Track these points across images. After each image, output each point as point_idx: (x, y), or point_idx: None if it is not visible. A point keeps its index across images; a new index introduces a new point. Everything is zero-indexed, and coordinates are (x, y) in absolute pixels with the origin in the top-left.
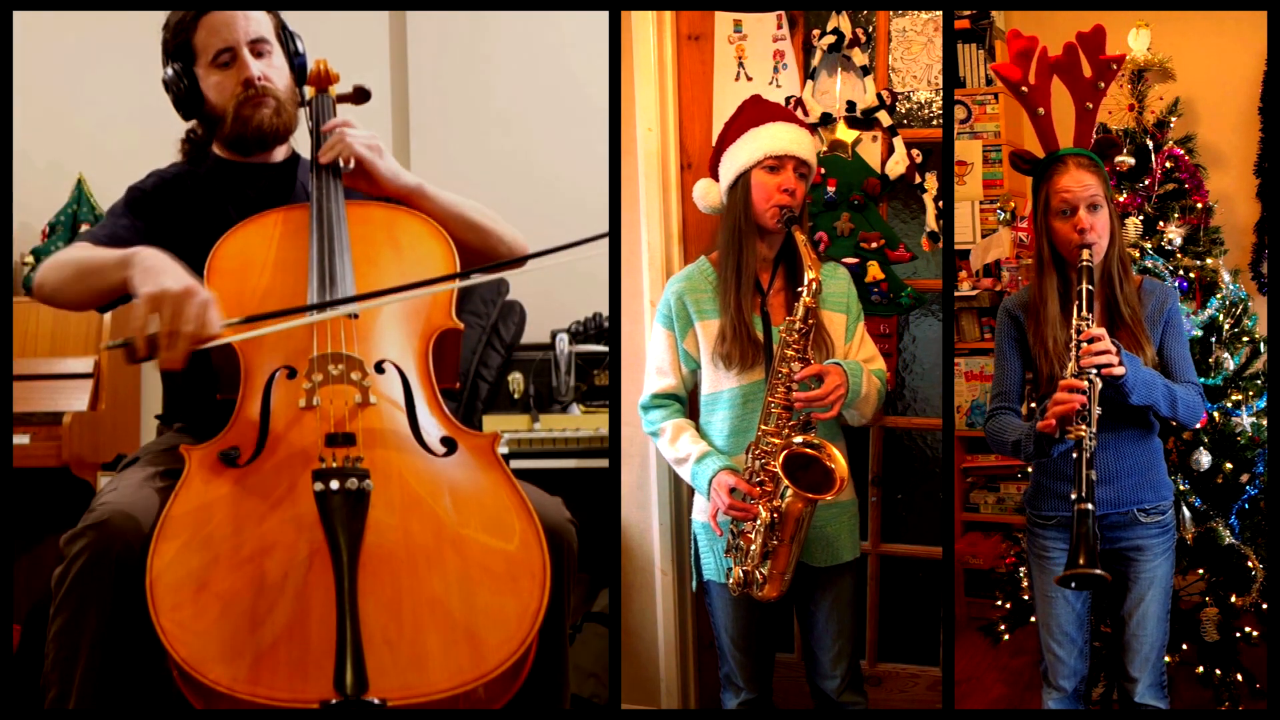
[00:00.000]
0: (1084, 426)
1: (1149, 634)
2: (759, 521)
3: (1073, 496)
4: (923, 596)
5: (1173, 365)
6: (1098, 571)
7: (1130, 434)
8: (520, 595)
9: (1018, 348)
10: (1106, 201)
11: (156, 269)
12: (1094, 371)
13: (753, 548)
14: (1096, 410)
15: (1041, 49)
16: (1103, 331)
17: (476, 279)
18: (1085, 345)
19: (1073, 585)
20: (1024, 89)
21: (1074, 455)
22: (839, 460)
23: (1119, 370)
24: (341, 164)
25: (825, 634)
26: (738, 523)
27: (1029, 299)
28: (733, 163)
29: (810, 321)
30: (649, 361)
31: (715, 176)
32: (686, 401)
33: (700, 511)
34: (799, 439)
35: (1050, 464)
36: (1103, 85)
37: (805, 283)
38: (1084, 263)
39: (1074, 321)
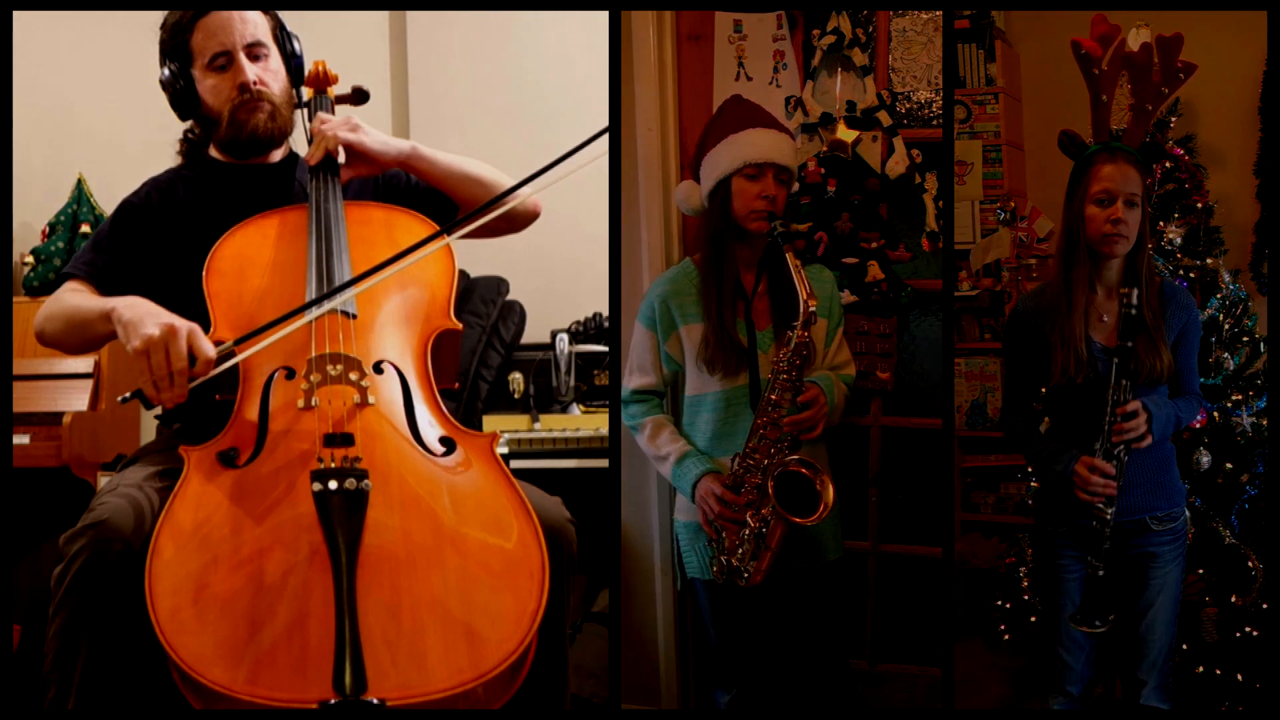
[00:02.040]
0: (1109, 510)
1: (1157, 638)
2: (747, 531)
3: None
4: (923, 596)
5: (1180, 375)
6: (1102, 630)
7: None
8: (519, 594)
9: (1031, 350)
10: (1142, 204)
11: (135, 320)
12: (1121, 448)
13: (740, 549)
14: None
15: (1120, 40)
16: (1138, 404)
17: (475, 223)
18: (1119, 421)
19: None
20: (1096, 71)
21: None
22: (828, 486)
23: (1148, 441)
24: (334, 156)
25: (811, 633)
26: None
27: (1048, 292)
28: (713, 169)
29: (805, 353)
30: (630, 358)
31: (697, 177)
32: (666, 395)
33: (681, 511)
34: (794, 457)
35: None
36: (1166, 91)
37: (800, 314)
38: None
39: (1109, 394)
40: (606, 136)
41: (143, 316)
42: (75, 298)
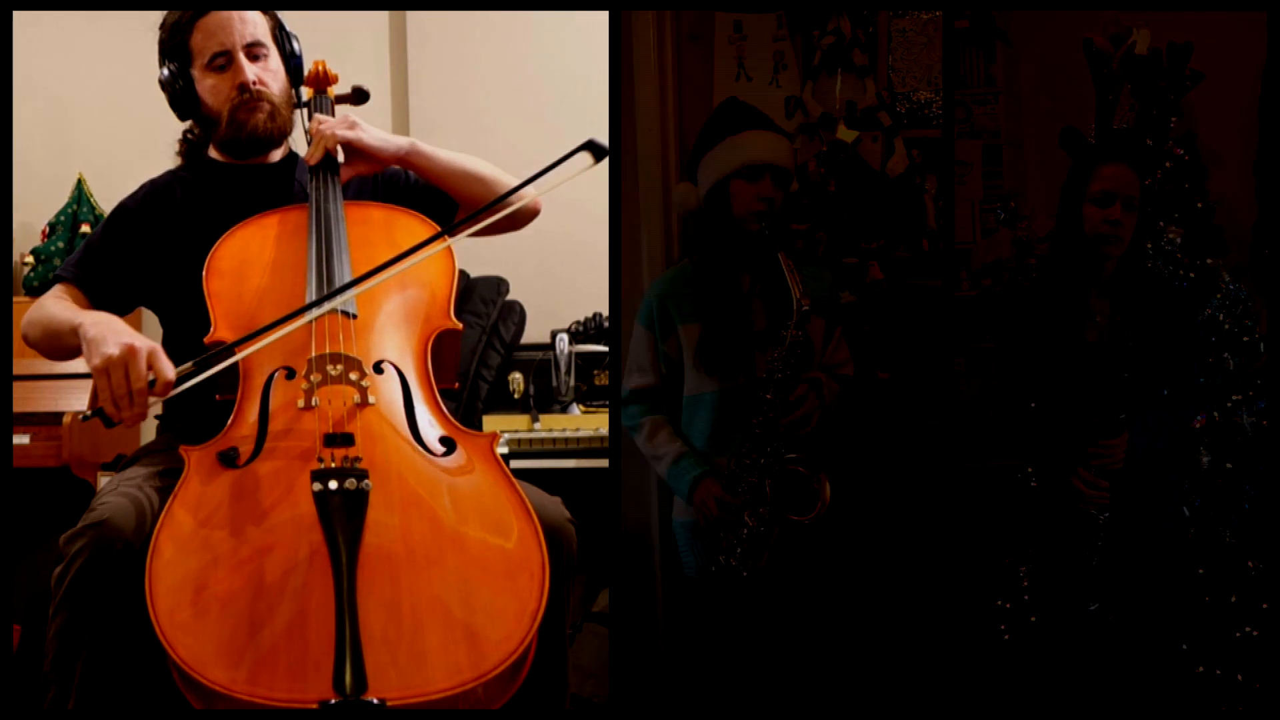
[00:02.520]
0: (1103, 516)
1: (1155, 638)
2: (745, 530)
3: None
4: (922, 595)
5: (1177, 376)
6: (1094, 610)
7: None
8: (519, 594)
9: (1025, 349)
10: (1138, 208)
11: (98, 339)
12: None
13: (738, 548)
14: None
15: (1131, 42)
16: (1121, 441)
17: (475, 225)
18: (1098, 448)
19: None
20: (1105, 70)
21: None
22: (825, 484)
23: (1119, 466)
24: (333, 156)
25: (810, 631)
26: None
27: (1040, 291)
28: (710, 170)
29: (800, 352)
30: (629, 358)
31: (693, 179)
32: (664, 395)
33: (679, 510)
34: (792, 455)
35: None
36: (1173, 98)
37: (794, 313)
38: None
39: (1095, 421)
40: (606, 137)
41: (105, 335)
42: (55, 306)
